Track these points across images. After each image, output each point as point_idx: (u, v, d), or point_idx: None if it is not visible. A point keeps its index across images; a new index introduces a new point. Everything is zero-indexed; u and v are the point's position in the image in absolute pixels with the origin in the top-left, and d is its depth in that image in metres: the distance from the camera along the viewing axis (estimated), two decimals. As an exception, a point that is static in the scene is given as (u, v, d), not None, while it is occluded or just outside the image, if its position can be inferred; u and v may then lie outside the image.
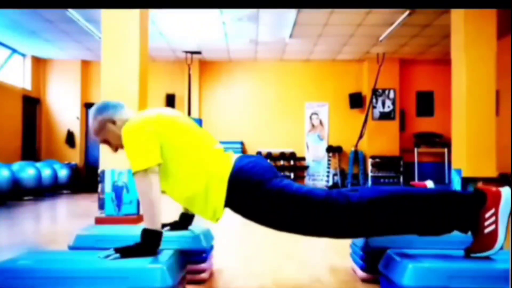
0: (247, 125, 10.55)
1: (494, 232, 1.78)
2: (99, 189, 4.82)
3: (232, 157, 2.00)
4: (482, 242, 1.81)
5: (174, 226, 2.33)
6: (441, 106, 10.13)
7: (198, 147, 1.98)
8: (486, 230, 1.79)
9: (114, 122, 2.03)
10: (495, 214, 1.78)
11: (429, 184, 2.16)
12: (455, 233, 1.89)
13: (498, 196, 1.80)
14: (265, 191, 1.86)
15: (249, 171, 1.91)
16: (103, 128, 2.03)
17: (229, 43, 9.08)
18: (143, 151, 1.86)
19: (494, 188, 1.82)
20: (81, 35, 8.39)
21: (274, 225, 1.94)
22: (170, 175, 1.94)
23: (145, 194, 1.83)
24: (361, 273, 2.41)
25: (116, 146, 2.07)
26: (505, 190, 1.81)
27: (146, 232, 1.82)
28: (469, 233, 1.87)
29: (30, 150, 10.05)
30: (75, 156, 10.40)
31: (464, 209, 1.82)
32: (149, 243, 1.82)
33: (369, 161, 10.07)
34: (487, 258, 1.83)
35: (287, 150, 10.39)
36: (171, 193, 2.01)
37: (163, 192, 1.91)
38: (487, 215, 1.79)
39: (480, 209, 1.80)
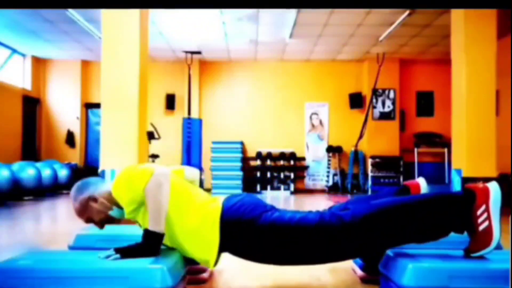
0: (247, 125, 10.55)
1: (489, 228, 1.79)
2: (99, 189, 4.80)
3: (220, 200, 1.99)
4: (479, 240, 1.81)
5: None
6: (441, 106, 10.13)
7: (186, 194, 1.98)
8: (481, 227, 1.80)
9: (95, 200, 1.99)
10: (487, 210, 1.79)
11: (421, 182, 2.16)
12: (454, 233, 1.89)
13: (486, 192, 1.81)
14: (257, 227, 1.86)
15: (238, 210, 1.90)
16: (86, 207, 2.00)
17: (229, 43, 9.08)
18: (143, 168, 1.91)
19: (481, 185, 1.83)
20: (81, 35, 8.39)
21: (273, 261, 1.95)
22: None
23: (153, 195, 1.82)
24: (361, 273, 2.41)
25: (101, 221, 2.03)
26: (492, 185, 1.83)
27: (148, 233, 1.82)
28: (466, 233, 1.88)
29: (30, 150, 10.05)
30: (75, 156, 10.40)
31: (456, 210, 1.83)
32: (150, 244, 1.82)
33: (369, 161, 10.07)
34: (487, 258, 1.83)
35: (287, 150, 10.39)
36: (167, 241, 1.97)
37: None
38: (478, 212, 1.80)
39: (471, 207, 1.81)
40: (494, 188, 1.82)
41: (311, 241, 1.83)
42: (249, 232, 1.87)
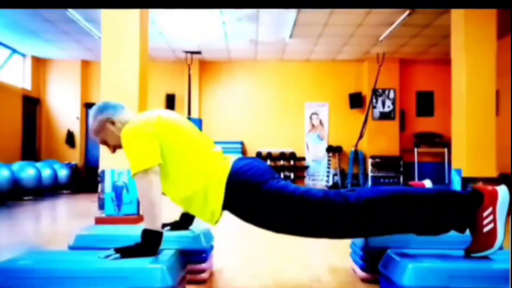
0: (247, 125, 10.55)
1: (493, 231, 1.79)
2: (99, 189, 4.82)
3: (230, 160, 2.01)
4: (482, 241, 1.81)
5: (175, 226, 2.33)
6: (441, 106, 10.13)
7: (197, 149, 1.99)
8: (485, 229, 1.80)
9: (113, 123, 2.03)
10: (493, 212, 1.79)
11: (427, 183, 2.16)
12: (455, 233, 1.89)
13: (495, 195, 1.81)
14: (262, 192, 1.87)
15: (246, 173, 1.91)
16: (103, 128, 2.04)
17: (229, 43, 9.08)
18: (143, 152, 1.86)
19: (490, 187, 1.83)
20: (81, 35, 8.39)
21: (271, 227, 1.94)
22: (169, 176, 1.95)
23: (145, 194, 1.83)
24: (361, 273, 2.41)
25: (114, 146, 2.07)
26: (501, 189, 1.82)
27: (146, 232, 1.83)
28: (467, 232, 1.87)
29: (30, 150, 10.05)
30: (75, 156, 10.40)
31: (462, 208, 1.83)
32: (149, 244, 1.82)
33: (369, 161, 10.07)
34: (487, 258, 1.83)
35: (287, 150, 10.39)
36: (170, 194, 2.02)
37: (162, 193, 1.91)
38: (485, 214, 1.80)
39: (477, 208, 1.81)
40: (503, 192, 1.81)
41: (310, 214, 1.83)
42: (252, 196, 1.88)
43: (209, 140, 2.10)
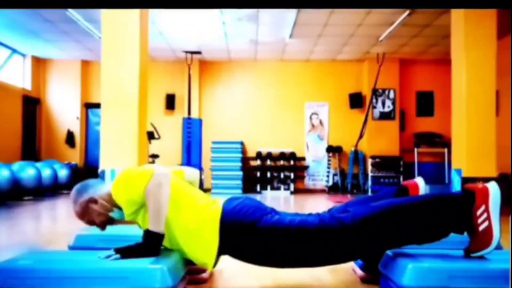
0: (247, 125, 10.55)
1: (489, 228, 1.79)
2: (99, 189, 4.80)
3: (220, 202, 1.99)
4: (479, 240, 1.81)
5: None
6: (441, 106, 10.12)
7: (186, 195, 1.98)
8: (481, 228, 1.80)
9: (96, 201, 1.99)
10: (486, 210, 1.79)
11: (420, 181, 2.16)
12: (454, 233, 1.89)
13: (486, 192, 1.81)
14: (257, 230, 1.86)
15: (238, 213, 1.90)
16: (86, 209, 2.00)
17: (229, 43, 9.08)
18: (143, 169, 1.89)
19: (481, 185, 1.83)
20: (81, 35, 8.39)
21: (273, 263, 1.95)
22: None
23: (154, 195, 1.81)
24: (361, 273, 2.41)
25: (103, 223, 2.03)
26: (492, 185, 1.83)
27: (148, 234, 1.82)
28: (466, 233, 1.88)
29: (30, 150, 10.05)
30: (75, 156, 10.40)
31: (456, 210, 1.83)
32: (150, 245, 1.82)
33: (369, 161, 10.07)
34: (487, 258, 1.83)
35: (287, 150, 10.39)
36: (166, 242, 1.98)
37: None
38: (478, 212, 1.80)
39: (471, 208, 1.81)
40: (493, 188, 1.82)
41: (311, 244, 1.83)
42: (249, 235, 1.87)
43: (192, 185, 2.12)
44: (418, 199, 1.90)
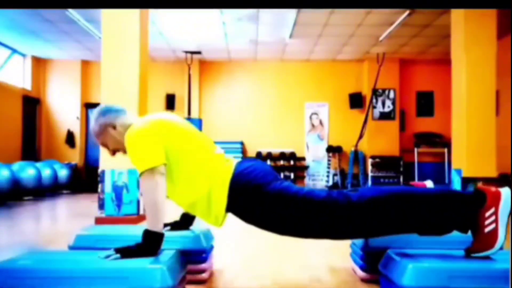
0: (247, 125, 10.55)
1: (494, 232, 1.79)
2: (99, 189, 4.82)
3: (233, 162, 2.02)
4: (483, 241, 1.81)
5: (175, 226, 2.33)
6: (441, 106, 10.13)
7: (200, 152, 2.00)
8: (486, 230, 1.80)
9: (114, 127, 2.03)
10: (495, 213, 1.79)
11: (429, 184, 2.16)
12: (455, 233, 1.89)
13: (498, 196, 1.81)
14: (264, 194, 1.87)
15: (248, 174, 1.92)
16: (104, 131, 2.04)
17: (229, 43, 9.08)
18: (148, 152, 1.86)
19: (493, 188, 1.84)
20: (81, 35, 8.39)
21: (274, 228, 1.94)
22: (173, 179, 1.95)
23: (150, 195, 1.82)
24: (361, 273, 2.41)
25: (114, 150, 2.07)
26: (504, 190, 1.83)
27: (147, 233, 1.82)
28: (469, 233, 1.88)
29: (30, 150, 10.05)
30: (75, 156, 10.40)
31: (464, 208, 1.83)
32: (149, 245, 1.82)
33: (369, 161, 10.07)
34: (487, 258, 1.83)
35: (287, 150, 10.39)
36: (174, 197, 2.02)
37: (166, 197, 1.91)
38: (487, 214, 1.80)
39: (480, 208, 1.81)
40: (505, 193, 1.82)
41: (314, 215, 1.83)
42: (255, 197, 1.88)
43: (211, 142, 2.10)
44: (428, 190, 1.90)
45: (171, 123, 2.00)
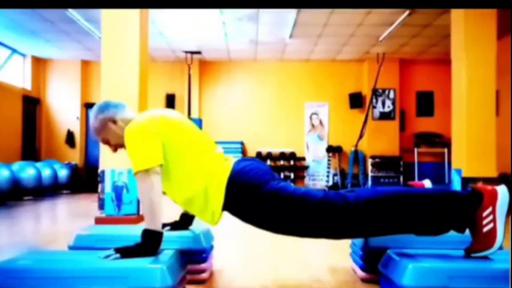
0: (247, 125, 10.55)
1: (493, 231, 1.79)
2: (99, 189, 4.82)
3: (231, 161, 2.02)
4: (482, 241, 1.81)
5: (175, 226, 2.33)
6: (441, 106, 10.13)
7: (199, 150, 2.00)
8: (485, 229, 1.80)
9: (115, 122, 2.03)
10: (493, 212, 1.79)
11: (427, 183, 2.16)
12: (455, 233, 1.89)
13: (494, 194, 1.81)
14: (262, 193, 1.87)
15: (246, 173, 1.92)
16: (104, 127, 2.04)
17: (229, 43, 9.08)
18: (145, 151, 1.86)
19: (490, 187, 1.83)
20: (81, 35, 8.39)
21: (270, 228, 1.95)
22: (170, 176, 1.95)
23: (146, 195, 1.83)
24: (361, 273, 2.41)
25: (116, 146, 2.08)
26: (501, 189, 1.82)
27: (146, 233, 1.82)
28: (467, 232, 1.87)
29: (30, 150, 10.05)
30: (75, 156, 10.40)
31: (462, 208, 1.83)
32: (149, 244, 1.82)
33: (369, 161, 10.07)
34: (487, 258, 1.83)
35: (287, 150, 10.39)
36: (171, 194, 2.02)
37: (163, 193, 1.91)
38: (484, 214, 1.80)
39: (477, 208, 1.81)
40: (502, 192, 1.81)
41: (310, 215, 1.83)
42: (253, 196, 1.88)
43: (211, 141, 2.11)
44: (425, 190, 1.90)
45: (172, 120, 2.00)
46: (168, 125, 1.96)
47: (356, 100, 10.36)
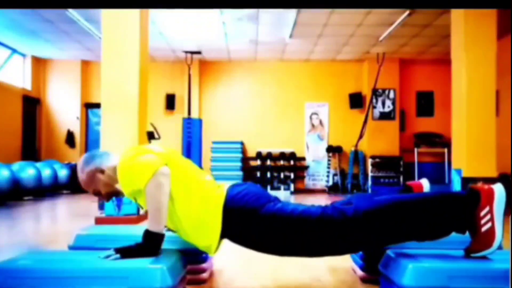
0: (247, 125, 10.55)
1: (491, 230, 1.79)
2: (99, 189, 4.80)
3: (224, 187, 1.99)
4: (481, 241, 1.81)
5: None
6: (441, 106, 10.13)
7: (190, 179, 1.97)
8: (483, 229, 1.80)
9: (102, 172, 2.00)
10: (490, 211, 1.79)
11: (424, 183, 2.16)
12: (455, 233, 1.89)
13: (491, 193, 1.81)
14: (260, 217, 1.86)
15: (241, 199, 1.90)
16: (93, 179, 2.01)
17: (229, 43, 9.08)
18: (143, 162, 1.84)
19: (486, 186, 1.83)
20: (81, 35, 8.39)
21: (273, 251, 1.95)
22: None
23: (153, 196, 1.80)
24: (361, 273, 2.41)
25: (107, 194, 2.04)
26: (497, 187, 1.82)
27: (148, 234, 1.82)
28: (467, 233, 1.88)
29: (30, 150, 10.05)
30: (75, 156, 10.38)
31: (459, 210, 1.83)
32: (150, 245, 1.82)
33: (369, 161, 10.07)
34: (487, 258, 1.83)
35: (287, 150, 10.39)
36: (170, 224, 1.99)
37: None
38: (482, 213, 1.80)
39: (475, 208, 1.81)
40: (498, 190, 1.81)
41: (311, 234, 1.83)
42: (251, 221, 1.87)
43: (198, 169, 2.10)
44: (422, 195, 1.90)
45: (159, 152, 1.96)
46: (159, 154, 1.93)
47: (356, 100, 10.36)
